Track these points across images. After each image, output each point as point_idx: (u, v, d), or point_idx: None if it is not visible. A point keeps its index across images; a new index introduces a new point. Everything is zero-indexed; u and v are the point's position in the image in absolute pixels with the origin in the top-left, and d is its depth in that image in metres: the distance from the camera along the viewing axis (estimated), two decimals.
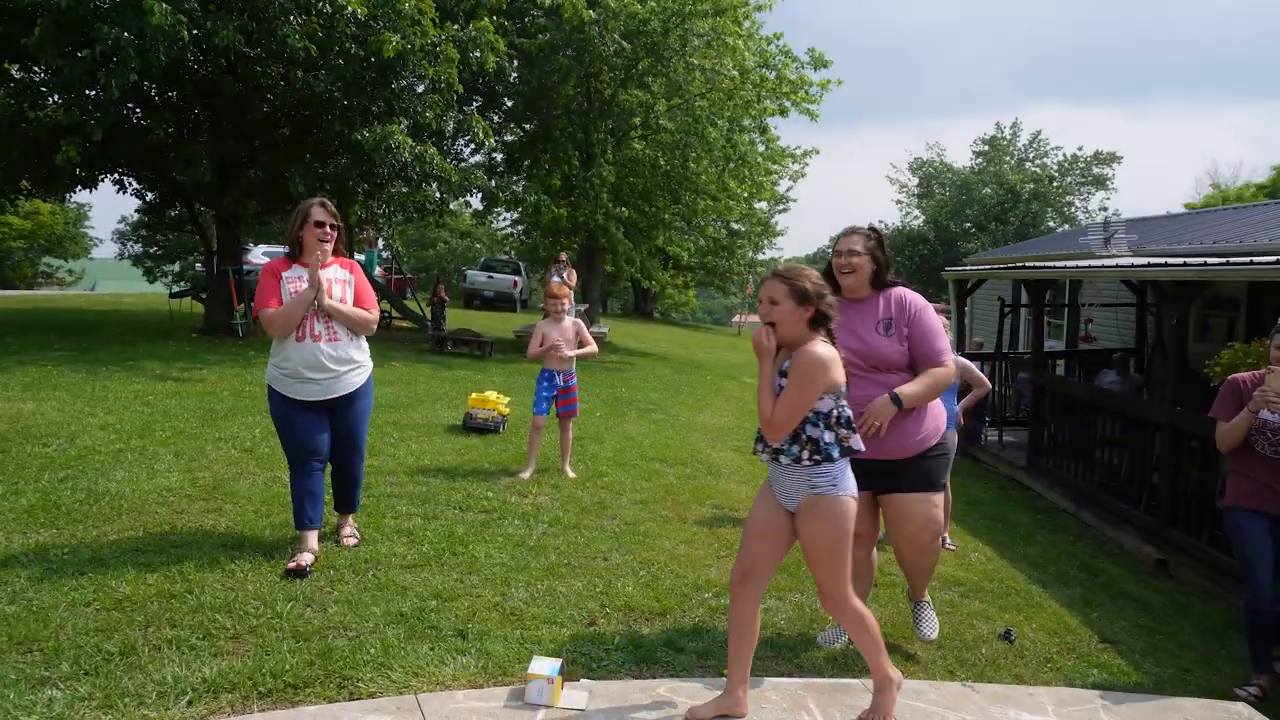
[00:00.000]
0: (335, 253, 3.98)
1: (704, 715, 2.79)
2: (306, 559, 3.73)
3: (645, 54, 15.93)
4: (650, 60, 16.12)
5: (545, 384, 5.82)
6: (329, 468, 4.09)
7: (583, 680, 3.04)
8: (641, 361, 15.32)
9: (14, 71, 12.97)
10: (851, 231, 3.38)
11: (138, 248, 41.75)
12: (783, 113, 17.90)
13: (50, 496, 4.37)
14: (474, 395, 7.22)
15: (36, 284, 44.24)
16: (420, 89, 13.37)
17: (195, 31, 10.49)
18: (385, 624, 3.28)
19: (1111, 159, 35.04)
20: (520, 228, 27.66)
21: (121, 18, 10.18)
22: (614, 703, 2.89)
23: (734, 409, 10.44)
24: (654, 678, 3.13)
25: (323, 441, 3.94)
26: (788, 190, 32.82)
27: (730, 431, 8.54)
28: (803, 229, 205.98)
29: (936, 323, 3.37)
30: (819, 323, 2.70)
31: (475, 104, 17.64)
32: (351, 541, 4.11)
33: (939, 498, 3.45)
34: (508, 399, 7.41)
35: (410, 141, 11.81)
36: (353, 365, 3.95)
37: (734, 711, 2.82)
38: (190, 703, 2.64)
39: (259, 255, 19.72)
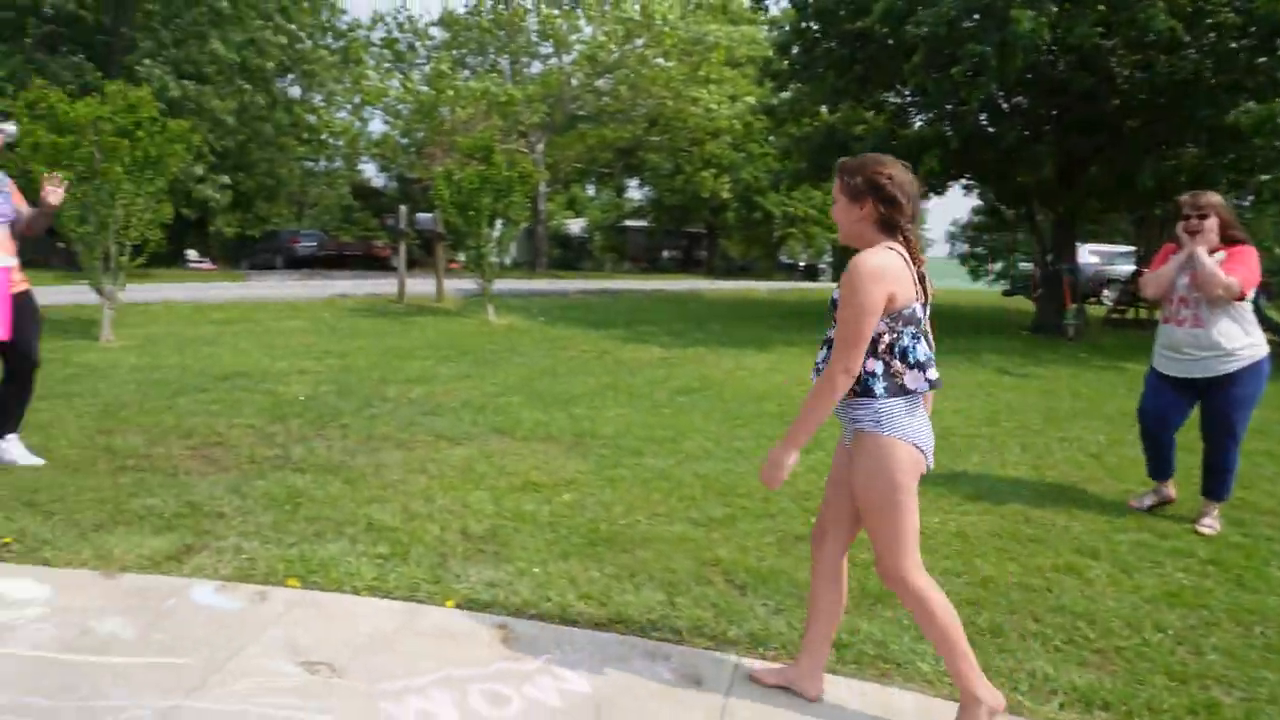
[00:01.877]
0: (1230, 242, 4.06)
1: (765, 679, 2.50)
2: (1145, 501, 4.37)
3: None
4: None
5: None
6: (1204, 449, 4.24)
7: None
8: None
9: (889, 98, 15.02)
10: None
11: (963, 247, 44.91)
12: None
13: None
14: None
15: None
16: None
17: (1056, 31, 10.53)
18: None
19: None
20: None
21: (985, 33, 10.84)
22: None
23: None
24: None
25: (1168, 415, 4.27)
26: None
27: None
28: None
29: None
30: (888, 226, 2.21)
31: None
32: (1208, 530, 4.03)
33: None
34: None
35: None
36: (1218, 353, 4.02)
37: (797, 686, 2.45)
38: (1061, 706, 2.59)
39: (1086, 255, 19.12)
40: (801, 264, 55.05)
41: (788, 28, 14.92)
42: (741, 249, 51.20)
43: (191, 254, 29.54)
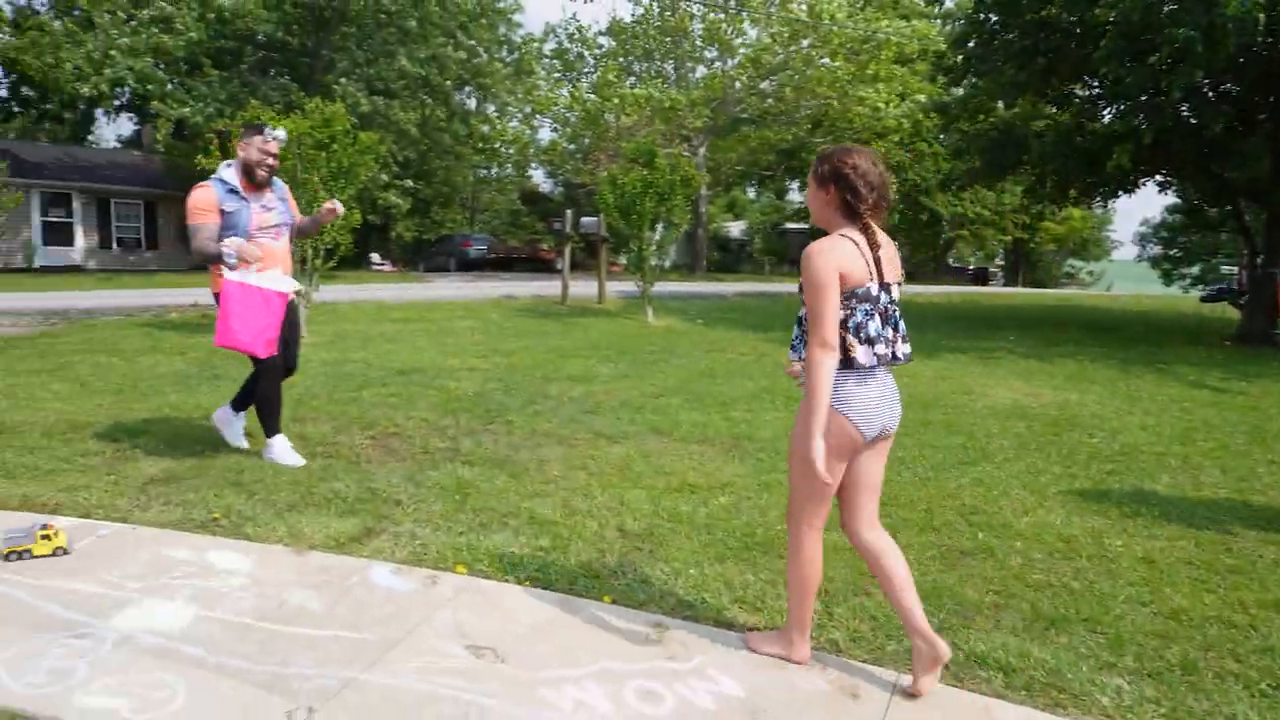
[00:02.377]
0: None
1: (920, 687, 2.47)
2: None
3: None
4: None
5: None
6: None
7: None
8: None
9: (1077, 90, 14.06)
10: None
11: (1156, 249, 41.51)
12: None
13: (1100, 485, 4.56)
14: None
15: (1059, 284, 48.31)
16: None
17: (1273, 13, 9.53)
18: None
19: None
20: None
21: (1189, 15, 9.93)
22: None
23: None
24: None
25: None
26: None
27: None
28: None
29: None
30: (850, 212, 2.38)
31: None
32: None
33: None
34: None
35: None
36: None
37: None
38: None
39: None
40: (970, 267, 52.56)
41: (964, 20, 14.27)
42: (906, 252, 49.50)
43: (375, 257, 31.67)
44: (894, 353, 2.45)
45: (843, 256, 2.33)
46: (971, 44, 13.69)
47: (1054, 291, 37.14)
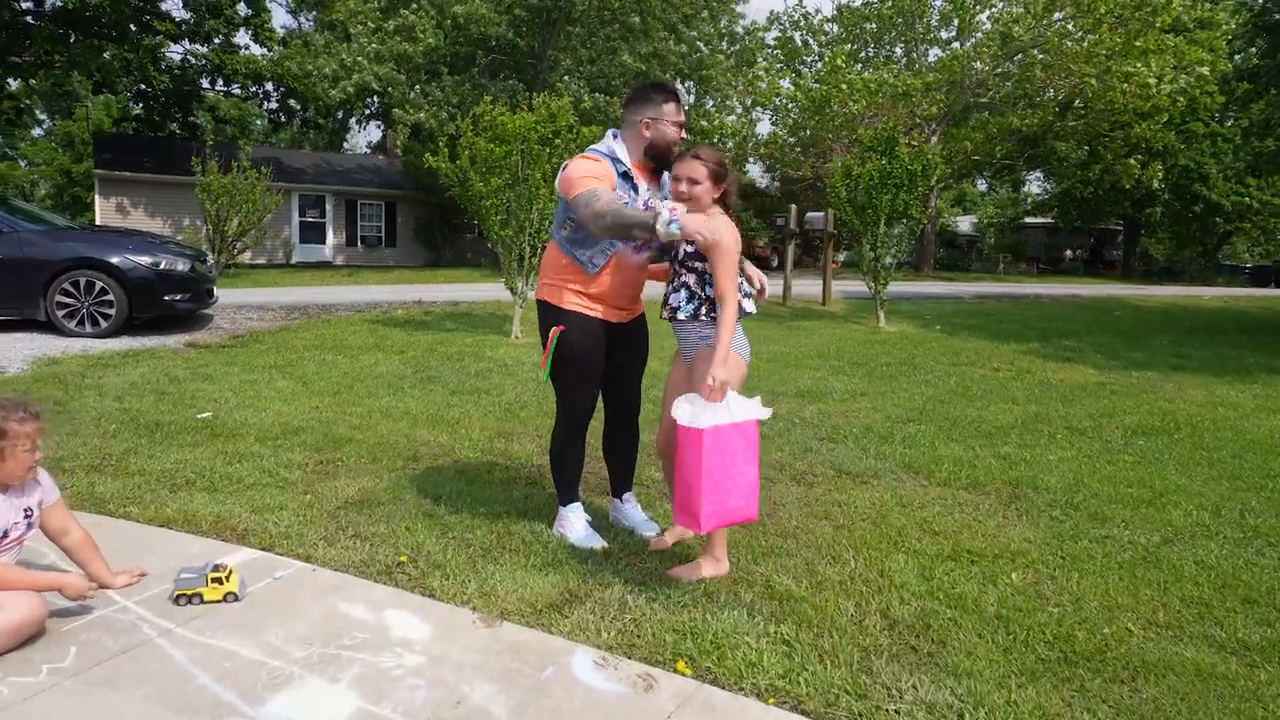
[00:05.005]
0: None
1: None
2: None
3: None
4: None
5: None
6: None
7: None
8: None
9: None
10: None
11: None
12: None
13: None
14: None
15: None
16: None
17: None
18: None
19: None
20: None
21: None
22: None
23: None
24: None
25: None
26: None
27: None
28: None
29: None
30: (722, 201, 3.04)
31: None
32: None
33: None
34: None
35: None
36: None
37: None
38: None
39: None
40: (1248, 266, 45.98)
41: None
42: (1168, 248, 43.97)
43: None
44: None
45: (735, 232, 2.94)
46: None
47: None
